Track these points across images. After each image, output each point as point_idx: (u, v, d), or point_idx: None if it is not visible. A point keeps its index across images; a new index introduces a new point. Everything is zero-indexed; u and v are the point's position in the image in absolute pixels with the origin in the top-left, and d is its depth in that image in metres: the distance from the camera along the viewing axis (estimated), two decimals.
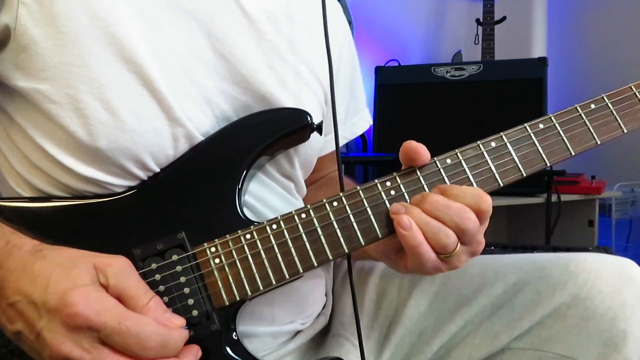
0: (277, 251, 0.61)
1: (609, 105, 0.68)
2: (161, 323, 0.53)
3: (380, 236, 0.62)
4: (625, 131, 0.68)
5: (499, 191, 0.65)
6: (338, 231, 0.62)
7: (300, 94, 0.73)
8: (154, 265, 0.60)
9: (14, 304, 0.52)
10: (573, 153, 0.66)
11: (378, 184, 0.63)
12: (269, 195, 0.72)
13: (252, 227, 0.62)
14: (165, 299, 0.60)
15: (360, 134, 0.94)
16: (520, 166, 0.65)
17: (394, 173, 0.64)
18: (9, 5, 0.59)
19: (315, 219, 0.62)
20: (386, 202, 0.63)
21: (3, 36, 0.61)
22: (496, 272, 0.79)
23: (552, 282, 0.74)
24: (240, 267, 0.61)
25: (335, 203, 0.63)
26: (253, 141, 0.66)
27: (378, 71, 2.32)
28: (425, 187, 0.63)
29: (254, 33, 0.70)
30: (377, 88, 2.30)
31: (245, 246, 0.61)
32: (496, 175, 0.64)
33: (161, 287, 0.60)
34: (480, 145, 0.65)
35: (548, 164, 0.65)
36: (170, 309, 0.58)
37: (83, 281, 0.51)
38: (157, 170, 0.64)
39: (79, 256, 0.54)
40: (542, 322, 0.74)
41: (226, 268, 0.61)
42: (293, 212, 0.62)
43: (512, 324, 0.76)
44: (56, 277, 0.51)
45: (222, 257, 0.61)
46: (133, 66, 0.61)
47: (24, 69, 0.61)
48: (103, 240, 0.59)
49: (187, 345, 0.56)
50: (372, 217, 0.62)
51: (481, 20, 2.62)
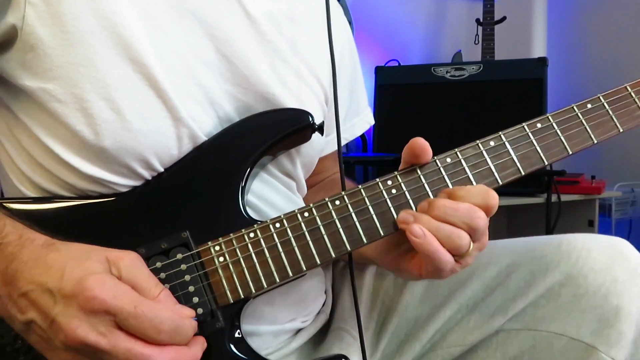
0: (281, 249, 0.62)
1: (605, 105, 0.68)
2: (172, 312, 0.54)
3: (382, 234, 0.63)
4: (621, 130, 0.68)
5: (499, 191, 0.65)
6: (340, 230, 0.63)
7: (301, 95, 0.74)
8: (159, 263, 0.61)
9: (27, 293, 0.52)
10: (570, 152, 0.67)
11: (379, 183, 0.64)
12: (271, 193, 0.72)
13: (256, 226, 0.63)
14: None
15: (360, 135, 0.95)
16: (519, 165, 0.65)
17: (395, 172, 0.65)
18: (16, 5, 0.60)
19: (317, 218, 0.63)
20: (388, 201, 0.63)
21: (10, 36, 0.61)
22: (489, 256, 0.79)
23: (545, 262, 0.75)
24: (244, 266, 0.61)
25: (337, 202, 0.63)
26: (256, 141, 0.66)
27: (378, 71, 2.32)
28: (425, 186, 0.64)
29: (256, 34, 0.70)
30: (377, 88, 2.30)
31: (249, 245, 0.62)
32: (495, 174, 0.65)
33: (166, 285, 0.60)
34: (479, 144, 0.65)
35: (546, 163, 0.66)
36: None
37: (97, 270, 0.52)
38: (161, 169, 0.65)
39: (91, 249, 0.55)
40: (536, 302, 0.75)
41: (230, 266, 0.61)
42: (296, 211, 0.63)
43: (506, 305, 0.76)
44: (71, 267, 0.52)
45: (226, 256, 0.62)
46: (138, 66, 0.62)
47: (31, 69, 0.61)
48: (108, 239, 0.59)
49: (194, 336, 0.57)
50: (374, 216, 0.63)
51: (481, 20, 2.61)
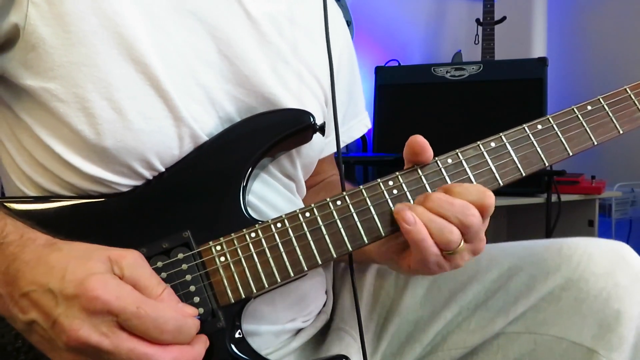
0: (282, 249, 0.62)
1: (605, 106, 0.69)
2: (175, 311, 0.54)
3: (383, 234, 0.63)
4: (620, 132, 0.69)
5: (499, 191, 0.65)
6: (342, 230, 0.63)
7: (301, 96, 0.74)
8: (160, 263, 0.61)
9: (29, 294, 0.52)
10: (571, 153, 0.67)
11: (380, 183, 0.64)
12: (271, 194, 0.72)
13: (257, 226, 0.63)
14: None
15: (358, 137, 0.95)
16: (519, 166, 0.66)
17: (396, 173, 0.65)
18: (19, 4, 0.60)
19: (319, 218, 0.63)
20: (389, 201, 0.64)
21: (12, 35, 0.61)
22: (490, 259, 0.79)
23: (546, 266, 0.75)
24: (245, 265, 0.62)
25: (338, 202, 0.63)
26: (258, 140, 0.66)
27: (378, 71, 2.31)
28: (426, 186, 0.64)
29: (257, 35, 0.71)
30: (377, 88, 2.29)
31: (250, 244, 0.62)
32: (496, 174, 0.65)
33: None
34: (480, 145, 0.66)
35: (547, 164, 0.66)
36: None
37: (99, 270, 0.52)
38: (163, 169, 0.65)
39: (94, 249, 0.55)
40: (537, 306, 0.75)
41: (231, 266, 0.62)
42: (297, 211, 0.63)
43: (507, 309, 0.76)
44: (73, 267, 0.52)
45: (228, 255, 0.62)
46: (140, 66, 0.62)
47: (33, 68, 0.61)
48: (108, 239, 0.59)
49: (197, 335, 0.57)
50: (375, 216, 0.63)
51: (481, 20, 2.61)
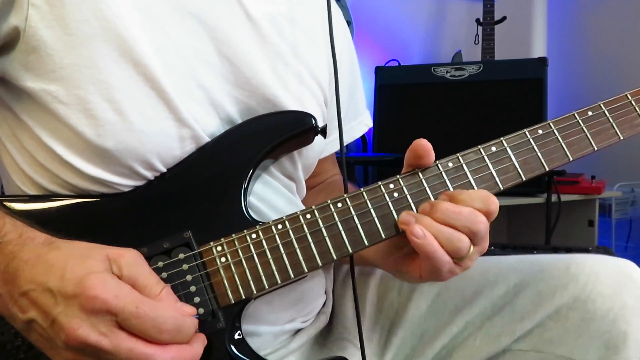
0: (283, 251, 0.62)
1: (606, 112, 0.69)
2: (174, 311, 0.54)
3: (384, 237, 0.63)
4: (621, 138, 0.69)
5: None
6: (342, 232, 0.63)
7: (302, 97, 0.74)
8: (161, 263, 0.61)
9: (28, 292, 0.52)
10: (571, 158, 0.67)
11: (381, 186, 0.64)
12: (272, 195, 0.72)
13: (258, 227, 0.63)
14: None
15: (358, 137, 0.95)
16: (520, 170, 0.66)
17: (397, 176, 0.65)
18: (19, 7, 0.60)
19: (320, 220, 0.63)
20: (389, 204, 0.64)
21: (12, 37, 0.61)
22: (497, 274, 0.79)
23: (553, 284, 0.74)
24: (246, 266, 0.62)
25: (339, 204, 0.63)
26: (259, 142, 0.66)
27: (378, 71, 2.32)
28: (427, 190, 0.64)
29: (258, 37, 0.71)
30: (377, 88, 2.30)
31: (250, 245, 0.62)
32: (497, 179, 0.65)
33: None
34: (481, 149, 0.66)
35: (547, 169, 0.66)
36: None
37: (98, 269, 0.52)
38: (164, 170, 0.65)
39: (92, 247, 0.55)
40: (543, 324, 0.75)
41: (232, 267, 0.62)
42: (298, 213, 0.63)
43: (513, 325, 0.76)
44: (72, 266, 0.52)
45: (228, 256, 0.62)
46: (140, 68, 0.62)
47: (34, 70, 0.61)
48: (109, 238, 0.59)
49: (195, 334, 0.57)
50: (376, 219, 0.63)
51: (481, 20, 2.61)
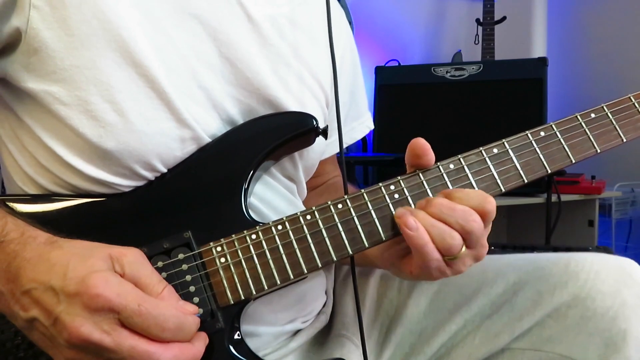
0: (282, 252, 0.62)
1: (609, 114, 0.69)
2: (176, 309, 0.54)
3: (384, 238, 0.63)
4: (624, 140, 0.69)
5: None
6: (342, 233, 0.63)
7: (303, 98, 0.74)
8: (160, 263, 0.61)
9: (30, 291, 0.52)
10: (573, 161, 0.67)
11: (382, 188, 0.64)
12: (272, 196, 0.72)
13: (258, 228, 0.63)
14: None
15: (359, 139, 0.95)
16: (521, 172, 0.66)
17: (398, 177, 0.65)
18: (21, 8, 0.60)
19: (320, 221, 0.63)
20: (390, 206, 0.64)
21: (14, 39, 0.61)
22: (496, 272, 0.79)
23: (553, 282, 0.74)
24: (245, 267, 0.62)
25: (340, 205, 0.63)
26: (260, 143, 0.66)
27: (378, 71, 2.32)
28: (428, 191, 0.64)
29: (259, 38, 0.70)
30: (377, 88, 2.30)
31: (250, 246, 0.62)
32: (498, 181, 0.65)
33: None
34: (482, 151, 0.66)
35: (549, 171, 0.66)
36: None
37: (100, 268, 0.52)
38: (165, 171, 0.65)
39: (94, 246, 0.55)
40: (543, 322, 0.75)
41: (231, 267, 0.62)
42: (298, 214, 0.63)
43: (513, 324, 0.76)
44: (74, 264, 0.52)
45: (228, 257, 0.62)
46: (141, 69, 0.62)
47: (35, 71, 0.61)
48: (110, 238, 0.59)
49: (197, 332, 0.57)
50: (376, 220, 0.63)
51: (481, 20, 2.61)
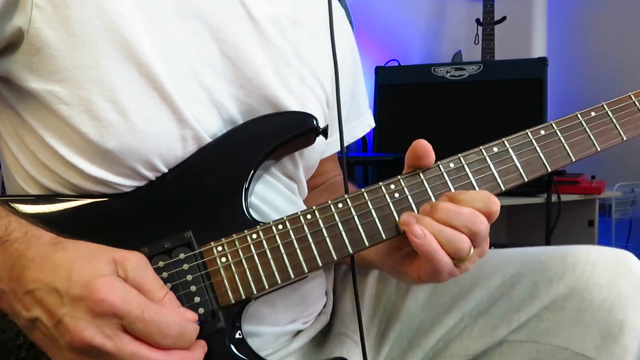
0: (283, 251, 0.62)
1: (609, 113, 0.69)
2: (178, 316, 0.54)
3: (384, 238, 0.63)
4: (624, 139, 0.69)
5: None
6: (343, 233, 0.63)
7: (304, 98, 0.74)
8: (161, 263, 0.61)
9: (33, 291, 0.52)
10: (574, 159, 0.67)
11: (382, 187, 0.64)
12: (273, 195, 0.72)
13: (259, 227, 0.63)
14: None
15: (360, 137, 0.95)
16: (522, 171, 0.66)
17: (398, 176, 0.65)
18: (23, 8, 0.60)
19: (320, 220, 0.63)
20: (390, 205, 0.64)
21: (16, 38, 0.61)
22: (494, 265, 0.79)
23: (549, 274, 0.75)
24: (246, 266, 0.62)
25: (340, 205, 0.63)
26: (260, 143, 0.67)
27: (378, 71, 2.32)
28: (428, 191, 0.64)
29: (260, 37, 0.71)
30: (377, 88, 2.30)
31: (251, 245, 0.62)
32: (498, 180, 0.65)
33: (168, 285, 0.60)
34: (482, 150, 0.65)
35: (549, 170, 0.66)
36: None
37: (105, 271, 0.52)
38: (166, 171, 0.65)
39: (99, 249, 0.55)
40: (540, 314, 0.75)
41: (232, 267, 0.62)
42: (299, 213, 0.63)
43: (510, 317, 0.76)
44: (79, 267, 0.52)
45: (229, 256, 0.62)
46: (143, 69, 0.62)
47: (37, 71, 0.61)
48: (111, 238, 0.60)
49: (196, 340, 0.57)
50: (377, 220, 0.63)
51: (481, 20, 2.61)
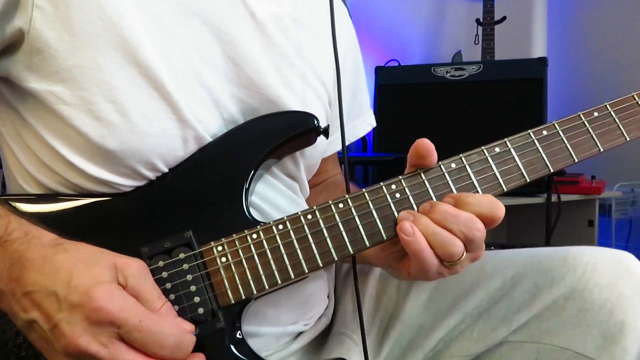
0: (283, 251, 0.62)
1: (612, 113, 0.68)
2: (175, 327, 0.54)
3: (385, 238, 0.63)
4: (627, 139, 0.68)
5: None
6: (343, 233, 0.62)
7: (305, 98, 0.74)
8: (161, 262, 0.61)
9: (31, 293, 0.52)
10: (576, 160, 0.67)
11: (383, 187, 0.64)
12: (274, 195, 0.72)
13: (259, 227, 0.63)
14: (171, 297, 0.60)
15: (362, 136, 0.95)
16: (524, 172, 0.65)
17: (399, 177, 0.64)
18: (24, 8, 0.60)
19: (321, 220, 0.63)
20: (391, 205, 0.63)
21: (16, 39, 0.61)
22: (494, 266, 0.79)
23: (550, 275, 0.75)
24: (246, 266, 0.62)
25: (341, 205, 0.63)
26: (261, 143, 0.66)
27: (378, 71, 2.32)
28: (429, 191, 0.64)
29: (262, 37, 0.70)
30: (377, 88, 2.30)
31: (251, 245, 0.62)
32: (500, 180, 0.65)
33: (168, 285, 0.60)
34: (484, 150, 0.65)
35: (551, 170, 0.66)
36: (176, 307, 0.60)
37: (105, 278, 0.52)
38: (166, 170, 0.65)
39: (100, 253, 0.55)
40: (540, 315, 0.75)
41: (232, 267, 0.62)
42: (299, 213, 0.63)
43: (510, 317, 0.76)
44: (79, 272, 0.52)
45: (229, 256, 0.62)
46: (144, 69, 0.62)
47: (38, 71, 0.61)
48: (111, 237, 0.60)
49: (194, 352, 0.57)
50: (378, 220, 0.63)
51: (481, 20, 2.61)
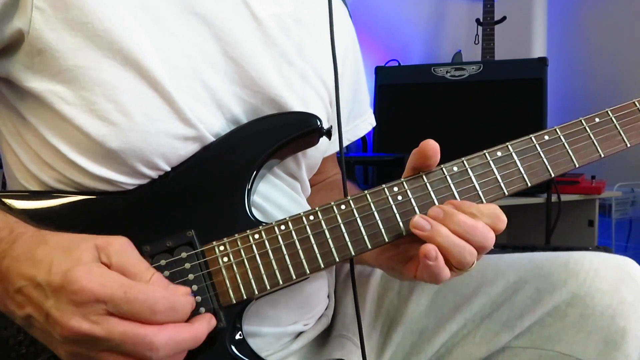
0: (285, 252, 0.62)
1: (613, 119, 0.68)
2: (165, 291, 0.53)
3: (386, 240, 0.63)
4: (628, 145, 0.68)
5: None
6: (345, 234, 0.63)
7: (306, 97, 0.74)
8: (163, 261, 0.61)
9: (21, 289, 0.52)
10: (577, 165, 0.67)
11: (385, 189, 0.64)
12: (276, 194, 0.72)
13: (261, 227, 0.63)
14: None
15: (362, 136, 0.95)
16: (525, 176, 0.65)
17: (402, 179, 0.65)
18: (23, 9, 0.60)
19: (323, 222, 0.63)
20: (393, 207, 0.64)
21: (16, 39, 0.62)
22: (496, 271, 0.80)
23: (552, 281, 0.75)
24: (248, 266, 0.62)
25: (343, 206, 0.63)
26: (263, 143, 0.67)
27: (378, 71, 2.32)
28: (431, 194, 0.64)
29: (263, 37, 0.71)
30: (377, 88, 2.30)
31: (253, 246, 0.62)
32: (502, 184, 0.65)
33: None
34: (486, 154, 0.65)
35: (552, 175, 0.66)
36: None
37: (85, 259, 0.52)
38: (168, 169, 0.65)
39: (80, 238, 0.54)
40: (542, 321, 0.75)
41: (234, 267, 0.62)
42: (301, 214, 0.63)
43: (513, 323, 0.76)
44: (59, 259, 0.52)
45: (231, 256, 0.62)
46: (142, 71, 0.62)
47: (39, 72, 0.61)
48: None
49: (201, 314, 0.57)
50: (379, 222, 0.63)
51: (481, 20, 2.61)
